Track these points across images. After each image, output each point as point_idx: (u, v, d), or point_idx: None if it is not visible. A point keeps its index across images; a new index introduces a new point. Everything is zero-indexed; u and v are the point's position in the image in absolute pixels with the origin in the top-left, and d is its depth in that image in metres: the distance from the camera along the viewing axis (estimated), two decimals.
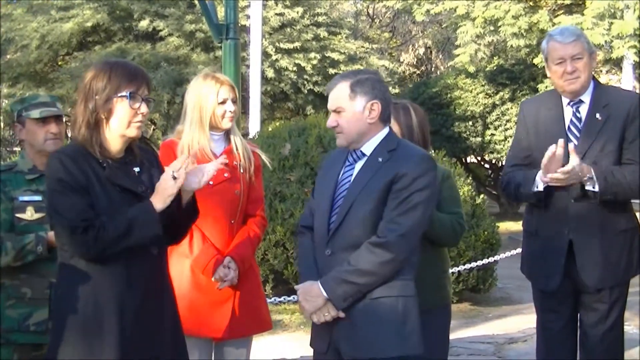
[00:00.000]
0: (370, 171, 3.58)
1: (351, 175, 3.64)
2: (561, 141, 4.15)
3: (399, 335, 3.51)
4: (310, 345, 3.80)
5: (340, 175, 3.68)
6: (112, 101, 3.29)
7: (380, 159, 3.58)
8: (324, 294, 3.50)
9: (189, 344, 3.99)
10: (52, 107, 4.24)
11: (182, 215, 3.44)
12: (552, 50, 4.40)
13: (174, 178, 3.25)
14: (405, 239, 3.49)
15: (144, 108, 3.34)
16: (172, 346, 3.46)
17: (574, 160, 4.11)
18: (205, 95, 4.22)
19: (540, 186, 4.29)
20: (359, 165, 3.64)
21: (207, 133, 4.23)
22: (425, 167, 3.55)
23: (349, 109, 3.59)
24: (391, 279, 3.51)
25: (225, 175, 4.21)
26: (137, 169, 3.41)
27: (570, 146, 4.16)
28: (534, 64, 15.43)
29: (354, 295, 3.49)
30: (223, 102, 4.23)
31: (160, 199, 3.27)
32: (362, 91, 3.59)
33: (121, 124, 3.32)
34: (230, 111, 4.24)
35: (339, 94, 3.61)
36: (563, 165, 4.14)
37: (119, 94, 3.29)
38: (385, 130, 3.67)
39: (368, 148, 3.63)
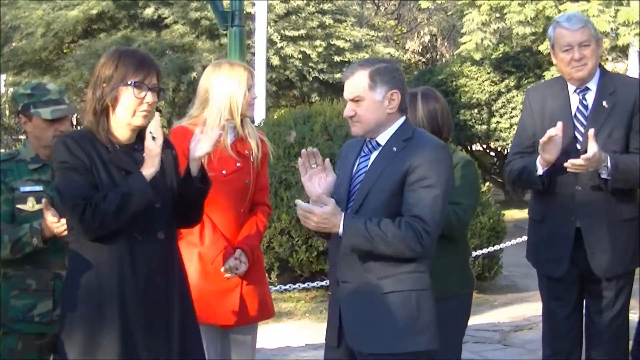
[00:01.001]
0: (385, 161, 3.50)
1: (367, 166, 3.57)
2: (560, 124, 4.14)
3: (412, 330, 3.45)
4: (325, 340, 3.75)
5: (356, 166, 3.61)
6: (118, 89, 3.31)
7: (394, 149, 3.51)
8: (340, 230, 3.39)
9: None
10: (62, 105, 4.16)
11: (192, 191, 3.47)
12: (559, 37, 4.38)
13: (153, 138, 3.27)
14: (431, 236, 3.41)
15: (150, 97, 3.35)
16: (180, 334, 3.46)
17: (594, 146, 4.09)
18: (238, 84, 4.20)
19: (539, 170, 4.28)
20: (374, 156, 3.57)
21: (237, 122, 4.23)
22: (438, 156, 3.47)
23: (368, 98, 3.51)
24: (403, 271, 3.45)
25: (238, 165, 4.22)
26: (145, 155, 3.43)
27: (590, 132, 4.13)
28: (539, 51, 15.36)
29: (363, 250, 3.42)
30: (249, 90, 4.23)
31: (147, 164, 3.30)
32: (382, 80, 3.51)
33: (127, 112, 3.34)
34: (254, 98, 4.27)
35: (358, 83, 3.52)
36: (572, 151, 4.13)
37: (125, 83, 3.31)
38: (402, 119, 3.59)
39: (383, 138, 3.56)
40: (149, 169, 3.29)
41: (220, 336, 4.30)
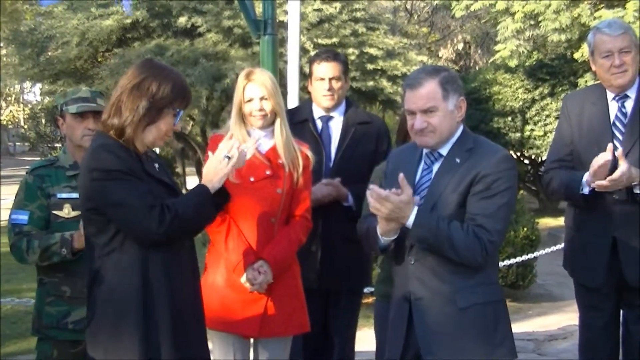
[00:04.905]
0: (449, 173, 3.44)
1: (430, 179, 3.51)
2: (610, 146, 4.08)
3: (490, 343, 3.43)
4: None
5: (418, 179, 3.55)
6: (163, 112, 3.30)
7: (457, 160, 3.45)
8: (410, 221, 3.35)
9: (224, 340, 4.02)
10: (91, 103, 4.24)
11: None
12: (599, 43, 4.33)
13: (228, 158, 3.32)
14: (494, 246, 3.41)
15: (179, 126, 3.38)
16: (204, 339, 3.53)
17: (623, 166, 4.04)
18: (237, 92, 4.24)
19: (586, 189, 4.23)
20: (436, 167, 3.51)
21: (244, 128, 4.22)
22: (505, 166, 3.42)
23: (442, 108, 3.43)
24: (477, 283, 3.44)
25: (267, 172, 4.18)
26: (156, 165, 3.46)
27: (619, 152, 4.08)
28: (574, 58, 15.24)
29: (425, 245, 3.39)
30: (250, 100, 4.20)
31: (213, 180, 3.34)
32: (452, 88, 3.46)
33: (158, 134, 3.35)
34: (256, 110, 4.19)
35: (431, 93, 3.43)
36: (612, 171, 4.07)
37: (173, 108, 3.31)
38: (461, 128, 3.54)
39: (445, 148, 3.51)
40: (215, 185, 3.34)
41: (248, 347, 4.29)
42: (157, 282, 3.26)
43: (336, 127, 5.02)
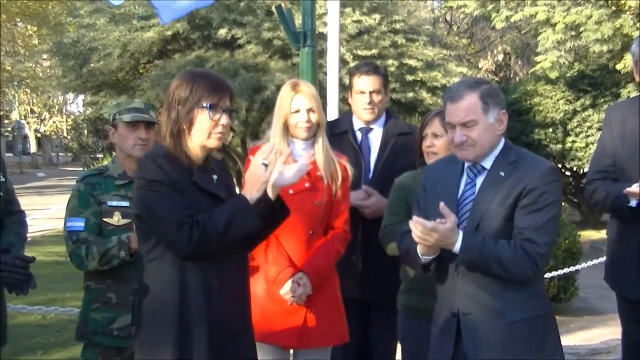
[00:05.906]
0: (494, 188, 3.42)
1: (474, 192, 3.48)
2: None
3: (541, 357, 3.40)
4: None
5: (461, 193, 3.52)
6: (193, 112, 3.30)
7: (502, 173, 3.43)
8: (457, 247, 3.33)
9: (264, 351, 4.02)
10: (144, 114, 4.31)
11: (268, 216, 3.39)
12: None
13: (265, 165, 3.26)
14: (544, 259, 3.38)
15: (224, 119, 3.33)
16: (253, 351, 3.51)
17: None
18: (282, 103, 4.23)
19: (633, 202, 4.18)
20: (479, 181, 3.49)
21: (286, 140, 4.22)
22: (552, 178, 3.41)
23: (482, 121, 3.42)
24: (525, 297, 3.42)
25: (306, 185, 4.18)
26: (215, 177, 3.44)
27: None
28: (616, 69, 15.11)
29: (474, 267, 3.36)
30: (297, 112, 4.20)
31: (251, 189, 3.29)
32: (493, 102, 3.44)
33: (202, 134, 3.33)
34: (303, 121, 4.19)
35: (471, 106, 3.41)
36: None
37: (200, 105, 3.30)
38: (503, 141, 3.52)
39: (488, 161, 3.49)
40: (254, 194, 3.29)
41: (288, 357, 4.30)
42: (194, 292, 3.26)
43: (376, 139, 5.02)
